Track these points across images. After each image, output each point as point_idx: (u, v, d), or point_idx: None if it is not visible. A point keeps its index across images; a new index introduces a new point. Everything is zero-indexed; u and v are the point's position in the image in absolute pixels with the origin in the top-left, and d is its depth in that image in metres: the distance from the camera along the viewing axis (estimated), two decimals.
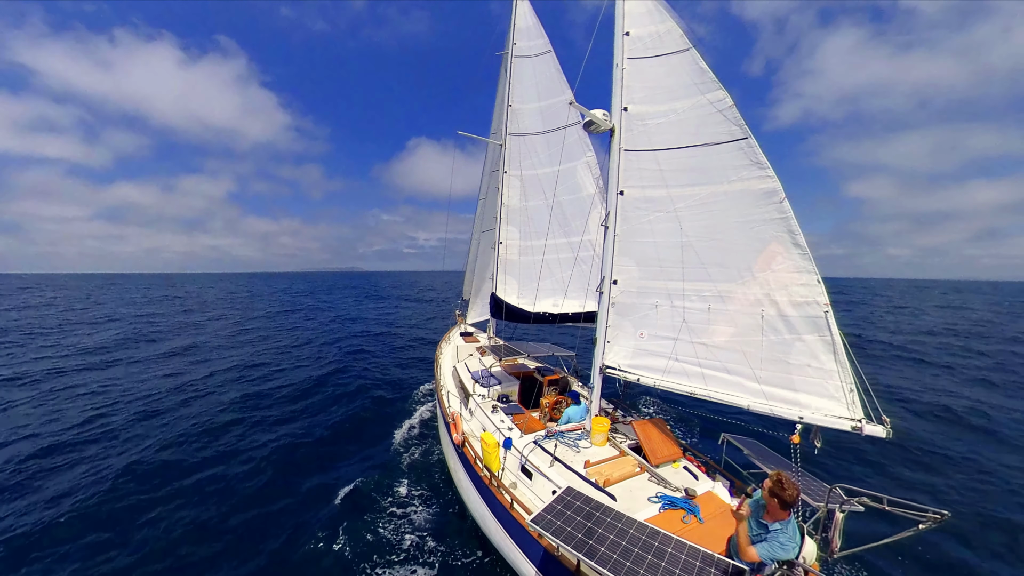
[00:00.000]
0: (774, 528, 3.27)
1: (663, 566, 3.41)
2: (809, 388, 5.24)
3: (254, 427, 11.37)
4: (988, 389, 15.93)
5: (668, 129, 6.34)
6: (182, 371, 17.05)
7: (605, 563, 3.45)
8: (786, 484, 3.19)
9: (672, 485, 5.58)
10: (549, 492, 5.52)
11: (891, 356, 21.52)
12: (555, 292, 10.04)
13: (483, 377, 9.03)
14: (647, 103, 6.58)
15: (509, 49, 11.69)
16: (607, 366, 6.85)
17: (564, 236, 10.24)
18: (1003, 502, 8.35)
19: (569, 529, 3.89)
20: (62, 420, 11.50)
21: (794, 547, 3.26)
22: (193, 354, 20.47)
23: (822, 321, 5.21)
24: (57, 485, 8.21)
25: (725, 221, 5.82)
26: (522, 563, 5.24)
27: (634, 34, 6.78)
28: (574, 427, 7.06)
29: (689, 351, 6.06)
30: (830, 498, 4.32)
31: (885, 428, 4.67)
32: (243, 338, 25.11)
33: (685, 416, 12.24)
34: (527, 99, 11.18)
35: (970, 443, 10.95)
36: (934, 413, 13.04)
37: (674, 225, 6.17)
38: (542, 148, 10.81)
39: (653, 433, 6.42)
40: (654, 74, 6.57)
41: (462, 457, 7.09)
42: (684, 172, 6.14)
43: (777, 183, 5.51)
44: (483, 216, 14.26)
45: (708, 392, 5.81)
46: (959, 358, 21.11)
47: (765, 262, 5.57)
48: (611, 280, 6.73)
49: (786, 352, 5.40)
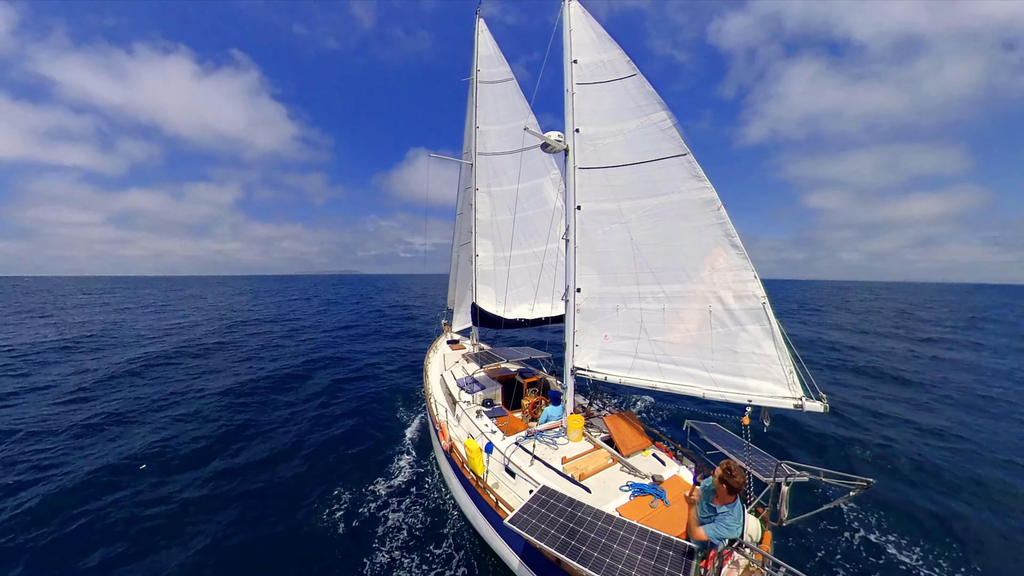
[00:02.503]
0: (721, 511, 3.43)
1: (627, 553, 3.52)
2: (755, 373, 5.48)
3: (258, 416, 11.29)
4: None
5: (616, 148, 6.55)
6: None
7: (575, 555, 3.54)
8: (734, 472, 3.36)
9: (641, 473, 5.73)
10: (528, 491, 5.60)
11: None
12: (527, 298, 10.16)
13: (467, 384, 9.05)
14: (597, 124, 6.77)
15: (474, 75, 11.81)
16: (577, 367, 6.98)
17: (532, 246, 10.38)
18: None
19: (543, 526, 3.97)
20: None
21: (738, 527, 3.43)
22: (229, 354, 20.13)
23: (761, 312, 5.46)
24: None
25: (671, 229, 6.05)
26: (510, 556, 5.31)
27: (581, 62, 6.98)
28: (552, 425, 7.16)
29: (648, 349, 6.25)
30: (777, 473, 4.52)
31: (823, 403, 4.93)
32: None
33: (653, 407, 12.65)
34: (492, 121, 11.32)
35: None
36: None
37: (626, 235, 6.36)
38: (509, 166, 10.94)
39: (623, 426, 6.57)
40: (602, 98, 6.78)
41: (451, 461, 7.10)
42: (632, 186, 6.35)
43: (714, 193, 5.76)
44: (460, 230, 14.31)
45: (668, 385, 6.00)
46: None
47: (709, 263, 5.81)
48: (575, 288, 6.88)
49: (733, 342, 5.64)
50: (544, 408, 7.68)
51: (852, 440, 10.64)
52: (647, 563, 3.38)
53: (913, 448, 10.14)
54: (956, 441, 10.63)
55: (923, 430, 11.33)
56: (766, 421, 5.39)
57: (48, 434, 10.44)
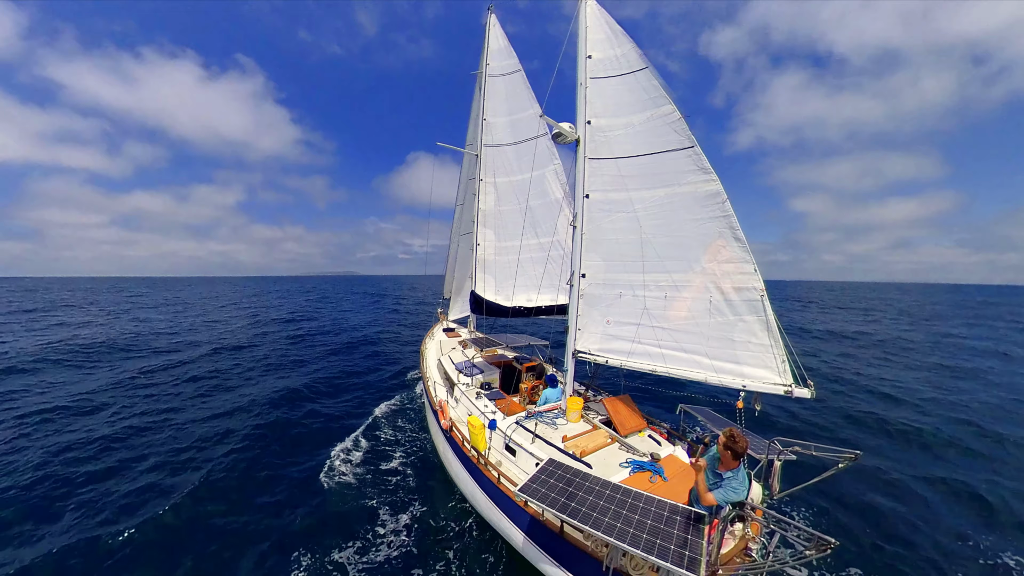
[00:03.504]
0: (727, 476, 3.51)
1: (636, 518, 3.58)
2: (750, 361, 5.62)
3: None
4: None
5: (626, 139, 6.60)
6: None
7: (586, 520, 3.58)
8: (737, 438, 3.44)
9: (639, 451, 5.82)
10: (532, 465, 5.62)
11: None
12: (529, 288, 10.17)
13: (466, 367, 9.01)
14: (607, 116, 6.81)
15: (483, 68, 11.71)
16: (579, 351, 7.03)
17: (535, 237, 10.39)
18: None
19: (552, 495, 4.00)
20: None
21: (744, 490, 3.52)
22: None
23: (759, 304, 5.60)
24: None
25: (677, 219, 6.13)
26: (511, 530, 5.31)
27: (596, 57, 7.00)
28: (551, 407, 7.20)
29: (650, 334, 6.34)
30: (769, 450, 4.66)
31: (810, 390, 5.11)
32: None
33: (649, 391, 12.88)
34: (499, 113, 11.25)
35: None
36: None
37: (634, 224, 6.42)
38: (514, 157, 10.91)
39: (621, 408, 6.65)
40: (613, 92, 6.82)
41: (450, 441, 7.06)
42: (641, 177, 6.41)
43: (720, 186, 5.86)
44: (461, 220, 14.22)
45: (668, 369, 6.10)
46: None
47: (712, 254, 5.92)
48: (580, 274, 6.92)
49: (730, 331, 5.76)
50: (543, 391, 7.71)
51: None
52: (656, 527, 3.44)
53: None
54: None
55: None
56: (757, 406, 5.55)
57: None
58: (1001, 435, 10.08)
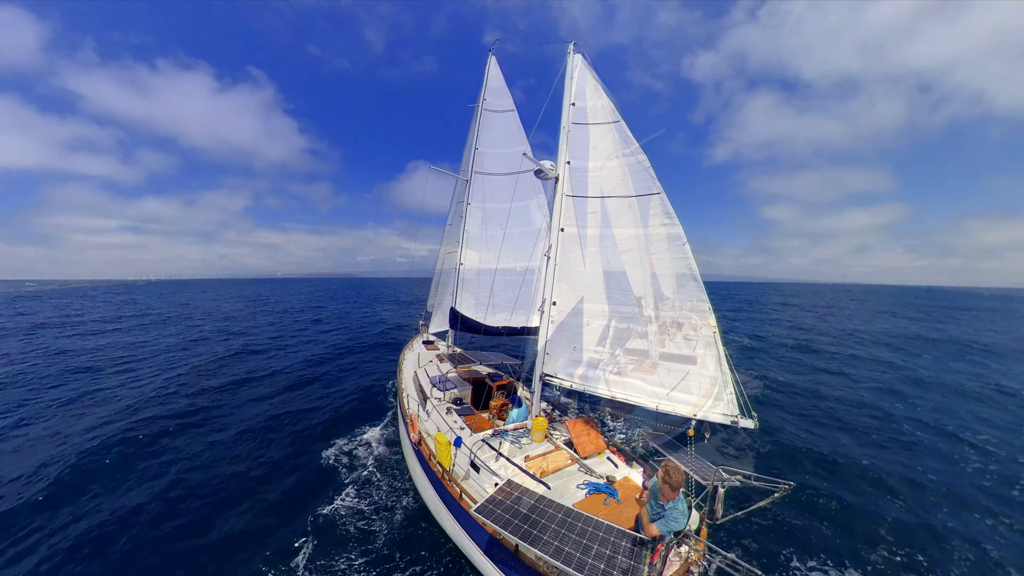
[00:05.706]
0: (668, 507, 3.54)
1: (584, 543, 3.53)
2: (702, 392, 5.76)
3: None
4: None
5: (601, 181, 6.88)
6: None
7: (536, 543, 3.51)
8: (671, 471, 3.52)
9: (597, 473, 5.80)
10: (494, 484, 5.49)
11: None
12: (504, 308, 10.21)
13: (440, 382, 8.85)
14: (585, 159, 7.11)
15: (480, 103, 12.08)
16: (546, 373, 7.04)
17: (515, 261, 10.52)
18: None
19: (508, 517, 3.91)
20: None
21: (684, 520, 3.55)
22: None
23: (712, 340, 5.80)
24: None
25: (642, 258, 6.37)
26: (469, 547, 5.13)
27: (578, 105, 7.36)
28: (518, 426, 7.11)
29: (612, 362, 6.44)
30: (715, 477, 4.74)
31: (754, 421, 5.27)
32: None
33: (610, 415, 12.87)
34: (492, 145, 11.55)
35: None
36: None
37: (603, 259, 6.62)
38: (501, 187, 11.15)
39: (582, 430, 6.64)
40: (591, 137, 7.15)
41: (418, 454, 6.84)
42: (612, 216, 6.66)
43: (681, 230, 6.15)
44: (448, 239, 14.26)
45: (626, 396, 6.17)
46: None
47: (672, 292, 6.15)
48: (551, 301, 7.02)
49: (686, 363, 5.92)
50: (511, 410, 7.63)
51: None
52: (602, 552, 3.41)
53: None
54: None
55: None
56: (707, 434, 5.66)
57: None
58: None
